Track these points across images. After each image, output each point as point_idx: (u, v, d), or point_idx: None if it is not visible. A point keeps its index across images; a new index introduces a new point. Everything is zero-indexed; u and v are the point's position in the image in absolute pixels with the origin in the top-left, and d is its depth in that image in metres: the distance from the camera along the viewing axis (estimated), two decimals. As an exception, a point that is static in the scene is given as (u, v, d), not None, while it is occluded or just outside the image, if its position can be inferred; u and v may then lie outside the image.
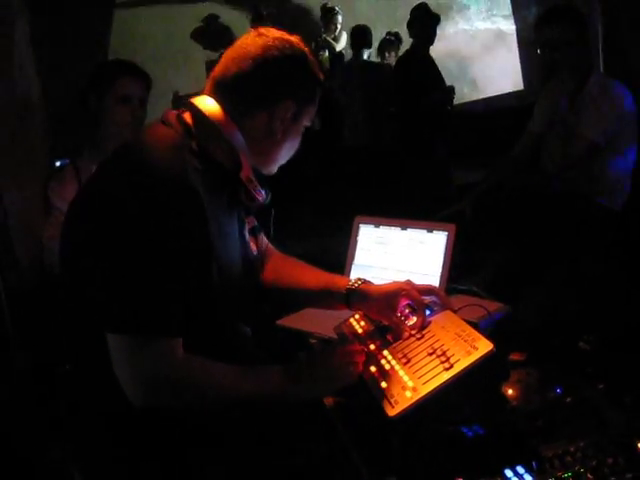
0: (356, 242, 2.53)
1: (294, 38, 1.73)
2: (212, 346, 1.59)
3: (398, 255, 2.41)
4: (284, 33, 1.73)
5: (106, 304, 1.48)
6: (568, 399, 1.65)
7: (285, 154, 1.81)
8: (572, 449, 1.43)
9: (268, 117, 1.68)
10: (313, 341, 2.16)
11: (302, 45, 1.74)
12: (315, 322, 2.20)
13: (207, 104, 1.66)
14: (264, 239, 2.07)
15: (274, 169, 1.83)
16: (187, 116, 1.68)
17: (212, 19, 8.54)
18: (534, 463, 1.39)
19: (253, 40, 1.69)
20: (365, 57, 6.69)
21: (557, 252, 2.98)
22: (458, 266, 2.31)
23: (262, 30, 1.72)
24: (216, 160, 1.64)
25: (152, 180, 1.49)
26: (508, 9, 8.14)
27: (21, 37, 2.81)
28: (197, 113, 1.66)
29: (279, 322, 2.29)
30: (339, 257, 2.52)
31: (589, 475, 1.35)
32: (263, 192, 1.73)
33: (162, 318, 1.47)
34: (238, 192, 1.69)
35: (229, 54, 1.70)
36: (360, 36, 6.67)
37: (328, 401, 1.75)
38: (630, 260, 2.88)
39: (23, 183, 2.65)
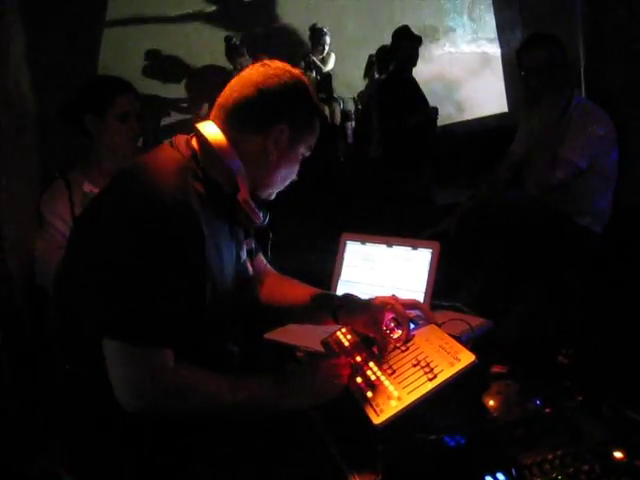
0: (343, 258, 2.59)
1: (296, 70, 1.82)
2: (198, 362, 1.64)
3: (384, 271, 2.47)
4: (287, 65, 1.82)
5: (104, 311, 1.54)
6: (547, 410, 1.71)
7: (281, 180, 1.87)
8: (550, 457, 1.50)
9: (263, 140, 1.75)
10: (300, 354, 2.21)
11: (303, 78, 1.83)
12: (302, 336, 2.24)
13: (210, 131, 1.74)
14: (262, 260, 2.15)
15: (272, 194, 1.90)
16: (194, 142, 1.76)
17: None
18: (513, 470, 1.45)
19: (257, 69, 1.78)
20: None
21: (538, 271, 3.05)
22: (442, 283, 2.37)
23: (266, 61, 1.81)
24: (217, 183, 1.71)
25: (155, 202, 1.55)
26: (493, 32, 8.26)
27: (16, 53, 2.86)
28: (201, 139, 1.74)
29: (267, 335, 2.33)
30: (326, 273, 2.58)
31: (566, 481, 1.41)
32: (261, 214, 1.79)
33: (155, 330, 1.54)
34: (237, 214, 1.76)
35: (233, 82, 1.79)
36: None
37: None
38: (609, 280, 2.96)
39: (16, 196, 2.68)
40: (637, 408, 1.69)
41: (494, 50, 8.50)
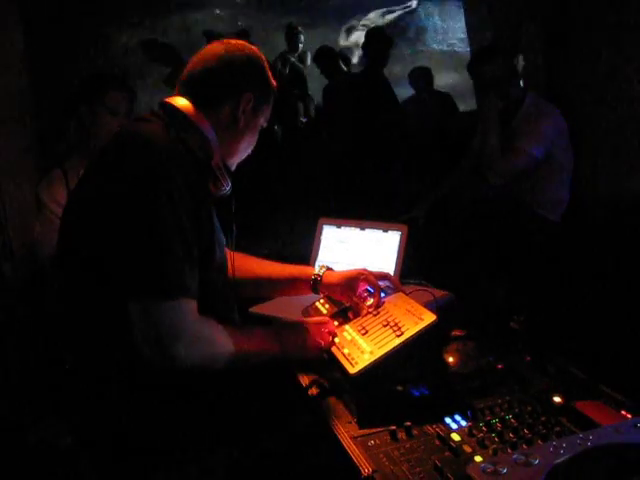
0: (319, 241, 2.82)
1: (254, 47, 2.00)
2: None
3: (357, 252, 2.71)
4: (245, 42, 1.99)
5: (129, 272, 1.60)
6: (499, 366, 1.96)
7: (244, 148, 2.00)
8: (500, 402, 1.75)
9: (232, 108, 1.89)
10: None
11: (260, 53, 2.00)
12: (284, 308, 2.46)
13: (179, 101, 1.86)
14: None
15: (234, 162, 2.02)
16: (162, 112, 1.86)
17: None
18: (469, 412, 1.70)
19: (217, 45, 1.94)
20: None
21: (498, 254, 3.30)
22: (411, 267, 2.61)
23: (225, 39, 1.98)
24: (191, 148, 1.80)
25: (161, 156, 1.65)
26: (463, 32, 8.50)
27: (17, 51, 3.06)
28: (171, 109, 1.85)
29: (251, 310, 2.52)
30: (304, 254, 2.80)
31: (512, 419, 1.66)
32: (228, 183, 1.91)
33: (181, 281, 1.61)
34: (207, 180, 1.85)
35: (194, 58, 1.94)
36: None
37: (304, 380, 2.01)
38: (562, 263, 3.22)
39: (19, 184, 2.88)
40: (578, 366, 1.93)
41: (464, 49, 8.72)
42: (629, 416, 1.61)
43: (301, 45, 8.48)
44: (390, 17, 10.36)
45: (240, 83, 1.89)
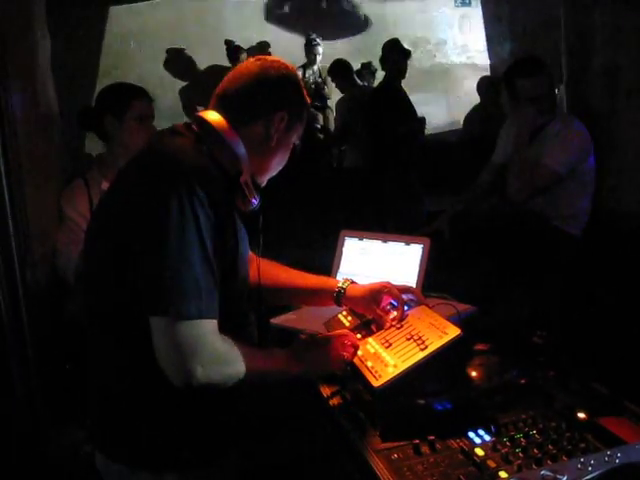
0: (341, 253, 2.83)
1: (289, 63, 2.00)
2: (231, 333, 1.75)
3: (379, 265, 2.71)
4: (280, 59, 1.99)
5: (150, 290, 1.60)
6: (522, 380, 1.95)
7: (276, 165, 2.01)
8: (523, 417, 1.75)
9: (264, 126, 1.89)
10: (303, 337, 2.43)
11: (295, 70, 2.02)
12: (305, 320, 2.48)
13: (212, 116, 1.87)
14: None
15: (265, 179, 2.03)
16: (195, 127, 1.88)
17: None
18: (492, 427, 1.69)
19: (253, 63, 1.94)
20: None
21: (520, 268, 3.30)
22: (431, 278, 2.61)
23: (260, 57, 1.99)
24: (222, 164, 1.80)
25: (187, 173, 1.65)
26: (483, 45, 8.53)
27: (44, 60, 3.10)
28: (203, 123, 1.86)
29: (272, 321, 2.53)
30: (325, 266, 2.81)
31: (536, 435, 1.65)
32: (256, 199, 1.89)
33: (201, 300, 1.60)
34: (236, 195, 1.84)
35: (231, 74, 1.94)
36: None
37: (325, 391, 2.03)
38: (583, 277, 3.22)
39: (42, 194, 2.92)
40: (601, 382, 1.93)
41: (484, 62, 8.73)
42: (654, 433, 1.61)
43: (319, 57, 8.53)
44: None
45: (274, 101, 1.90)
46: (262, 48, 9.00)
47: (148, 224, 1.62)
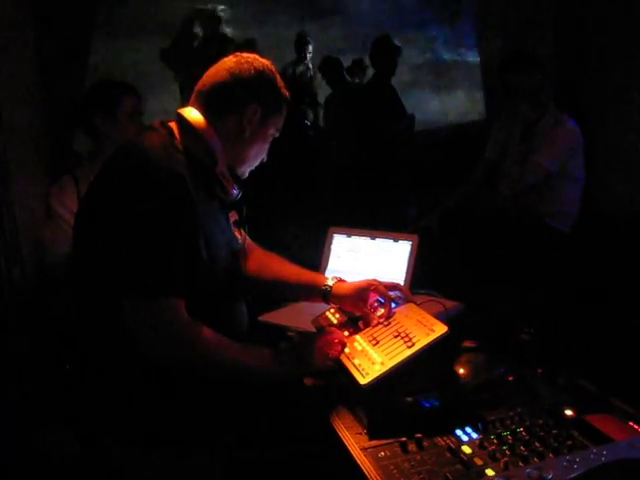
0: (330, 250, 2.82)
1: (265, 60, 2.07)
2: (213, 323, 1.83)
3: (367, 262, 2.71)
4: (257, 55, 2.08)
5: (118, 273, 1.75)
6: (509, 378, 1.95)
7: (254, 156, 2.10)
8: (511, 414, 1.74)
9: (238, 119, 1.99)
10: (291, 334, 2.43)
11: (272, 66, 2.08)
12: (293, 317, 2.47)
13: (191, 113, 1.98)
14: (245, 235, 2.33)
15: (245, 171, 2.12)
16: (173, 124, 1.99)
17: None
18: (480, 424, 1.69)
19: (230, 59, 2.04)
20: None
21: (509, 265, 3.30)
22: (420, 274, 2.60)
23: (238, 53, 2.07)
24: (196, 156, 1.93)
25: (150, 171, 1.78)
26: (473, 41, 8.50)
27: (29, 63, 3.09)
28: (182, 121, 1.97)
29: (260, 318, 2.53)
30: (314, 263, 2.79)
31: (523, 432, 1.65)
32: (236, 189, 2.02)
33: (165, 280, 1.74)
34: (214, 185, 1.97)
35: (210, 70, 2.05)
36: None
37: (307, 381, 2.03)
38: (572, 274, 3.22)
39: (30, 192, 2.90)
40: (588, 379, 1.93)
41: (474, 58, 8.70)
42: (640, 430, 1.60)
43: (309, 54, 8.50)
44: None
45: (246, 95, 1.99)
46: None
47: (119, 213, 1.77)
